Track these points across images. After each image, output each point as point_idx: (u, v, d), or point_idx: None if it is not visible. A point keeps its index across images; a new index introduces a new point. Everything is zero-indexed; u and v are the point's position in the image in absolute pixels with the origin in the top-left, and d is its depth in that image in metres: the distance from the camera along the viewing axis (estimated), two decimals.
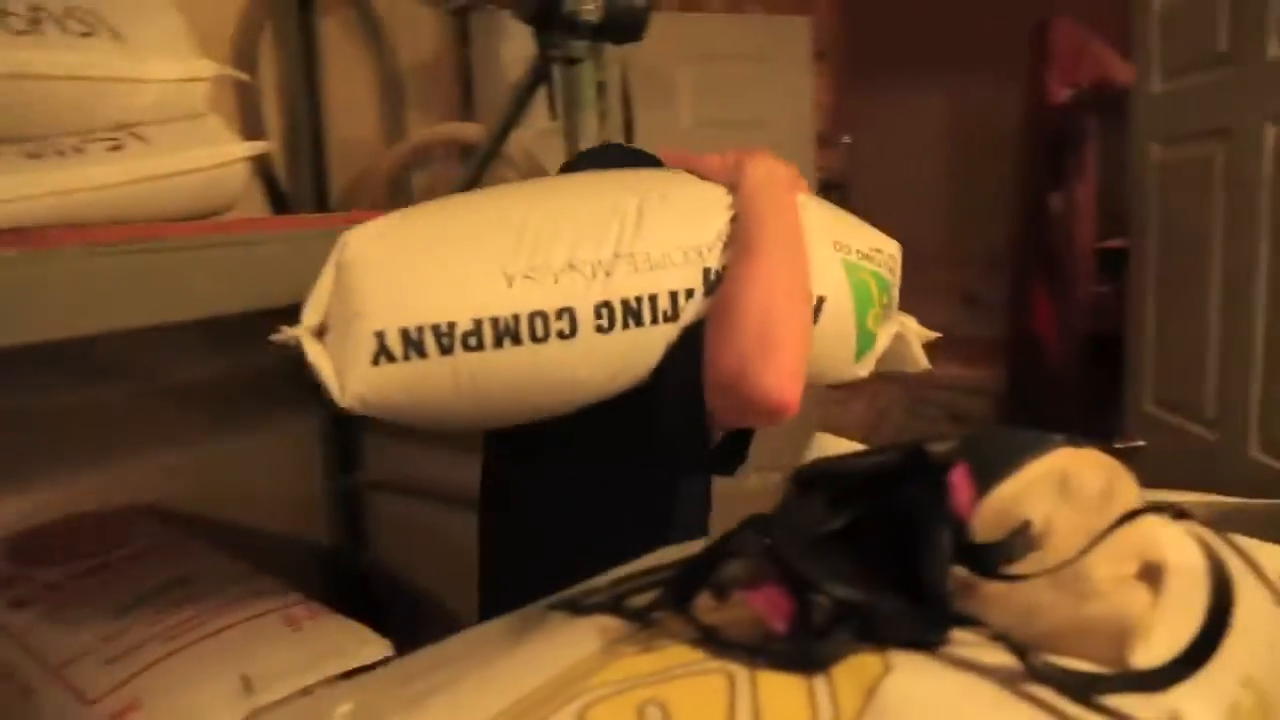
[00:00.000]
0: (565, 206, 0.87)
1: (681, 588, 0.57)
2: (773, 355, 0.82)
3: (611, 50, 1.50)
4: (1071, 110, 3.21)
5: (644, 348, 0.86)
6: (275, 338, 0.84)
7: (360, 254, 0.82)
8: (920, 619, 0.53)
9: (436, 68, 1.99)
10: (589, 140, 1.47)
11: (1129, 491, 0.62)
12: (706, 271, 0.86)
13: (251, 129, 1.83)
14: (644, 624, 0.61)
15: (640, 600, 0.62)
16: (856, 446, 0.80)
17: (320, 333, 0.84)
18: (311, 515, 2.13)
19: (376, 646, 1.35)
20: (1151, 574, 0.62)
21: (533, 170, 1.69)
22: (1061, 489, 0.59)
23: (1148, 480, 1.88)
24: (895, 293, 1.04)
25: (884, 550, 0.58)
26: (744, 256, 0.87)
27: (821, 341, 0.93)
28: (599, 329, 0.83)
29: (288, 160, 1.95)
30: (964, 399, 3.42)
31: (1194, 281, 1.85)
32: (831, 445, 0.96)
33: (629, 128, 1.53)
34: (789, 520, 0.55)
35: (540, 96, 1.51)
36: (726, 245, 0.87)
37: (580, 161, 1.19)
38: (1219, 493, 1.70)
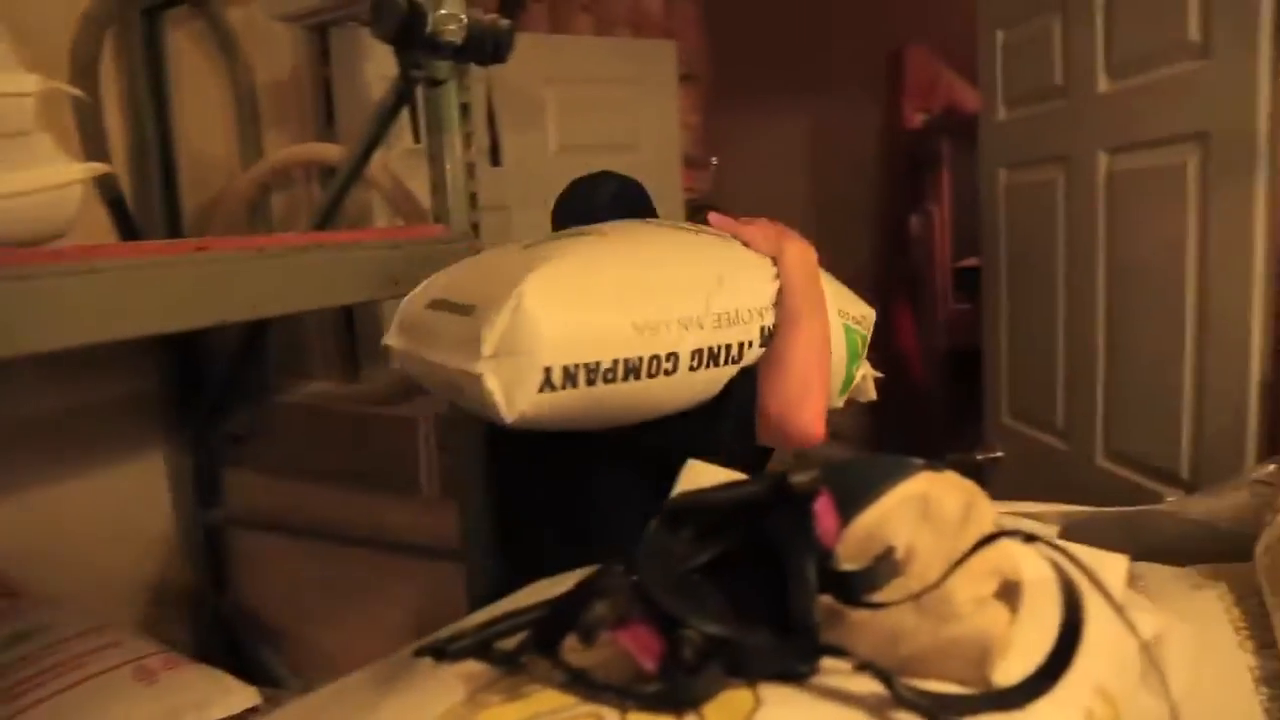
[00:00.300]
0: (672, 273, 1.13)
1: (548, 629, 0.55)
2: (808, 403, 1.14)
3: (476, 71, 1.48)
4: (925, 135, 3.35)
5: (717, 380, 1.14)
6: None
7: (534, 305, 1.00)
8: (789, 651, 0.53)
9: (295, 85, 1.92)
10: (454, 163, 1.44)
11: (986, 513, 0.64)
12: (763, 329, 1.16)
13: (94, 149, 1.72)
14: (511, 669, 0.59)
15: (508, 643, 0.60)
16: (731, 475, 0.80)
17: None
18: (169, 556, 2.02)
19: (241, 695, 1.29)
20: (1009, 592, 0.64)
21: (396, 193, 1.65)
22: (922, 513, 0.60)
23: (1008, 489, 1.96)
24: (866, 346, 1.41)
25: (754, 582, 0.58)
26: (788, 322, 1.16)
27: None
28: (691, 368, 1.10)
29: (135, 182, 1.84)
30: (834, 416, 3.48)
31: (1041, 299, 1.94)
32: (705, 475, 0.96)
33: (495, 150, 1.51)
34: (655, 556, 0.54)
35: (404, 118, 1.48)
36: (775, 307, 1.17)
37: (579, 187, 1.47)
38: (1072, 499, 1.78)
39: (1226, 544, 1.11)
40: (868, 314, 1.41)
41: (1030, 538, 0.55)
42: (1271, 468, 1.16)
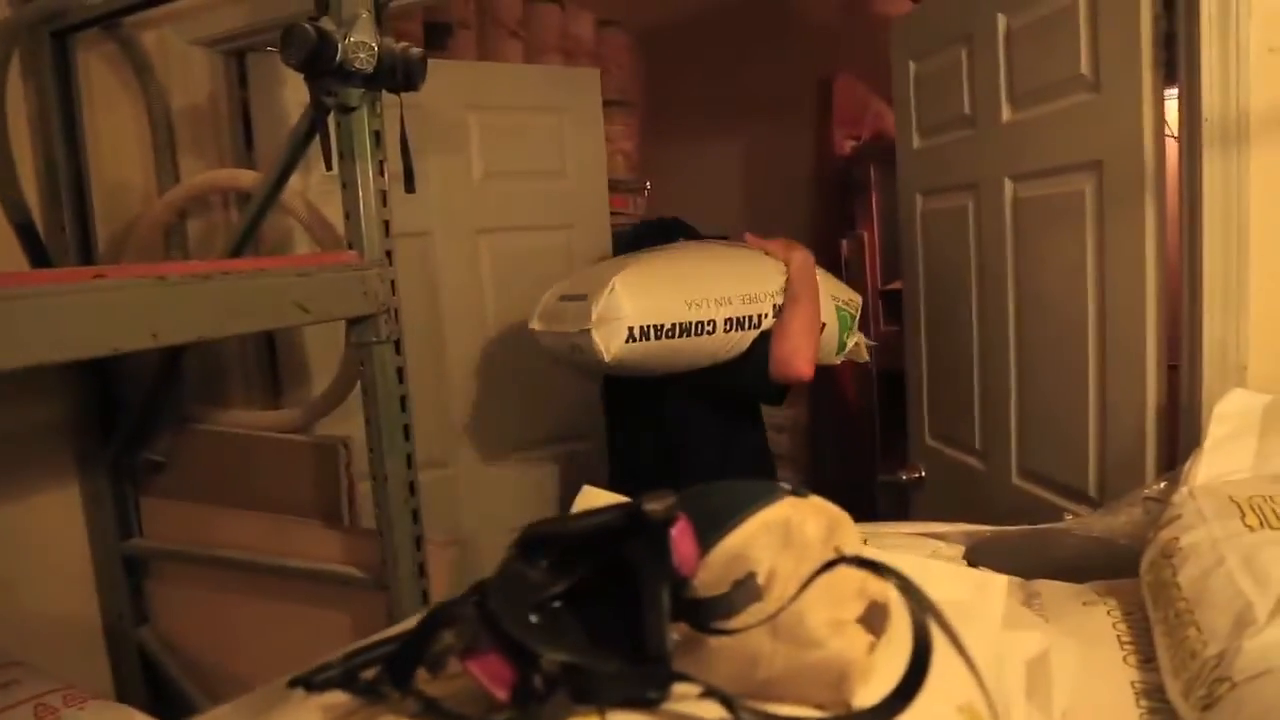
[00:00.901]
0: (712, 268, 1.83)
1: (402, 660, 0.55)
2: (800, 354, 1.79)
3: (390, 97, 1.47)
4: (854, 161, 3.41)
5: (743, 340, 1.80)
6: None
7: (621, 290, 1.68)
8: (639, 678, 0.53)
9: (212, 110, 1.89)
10: (366, 189, 1.43)
11: (849, 538, 0.65)
12: (774, 306, 1.82)
13: (1, 173, 1.68)
14: (372, 699, 0.59)
15: (371, 674, 0.60)
16: (612, 499, 0.81)
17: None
18: (86, 588, 1.96)
19: None
20: (877, 615, 0.65)
21: (312, 220, 1.64)
22: (784, 539, 0.61)
23: (932, 508, 1.99)
24: (856, 320, 2.07)
25: (613, 610, 0.58)
26: (790, 302, 1.83)
27: (823, 345, 1.93)
28: (725, 331, 1.76)
29: (46, 207, 1.80)
30: (771, 435, 3.50)
31: (958, 322, 1.98)
32: (597, 498, 0.96)
33: (409, 176, 1.50)
34: (506, 585, 0.54)
35: (318, 144, 1.47)
36: (783, 292, 1.84)
37: (644, 230, 2.27)
38: (990, 517, 1.82)
39: (1123, 559, 1.14)
40: (854, 298, 2.09)
41: (879, 567, 0.56)
42: (1163, 485, 1.19)
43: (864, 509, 2.95)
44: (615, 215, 3.14)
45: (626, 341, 1.67)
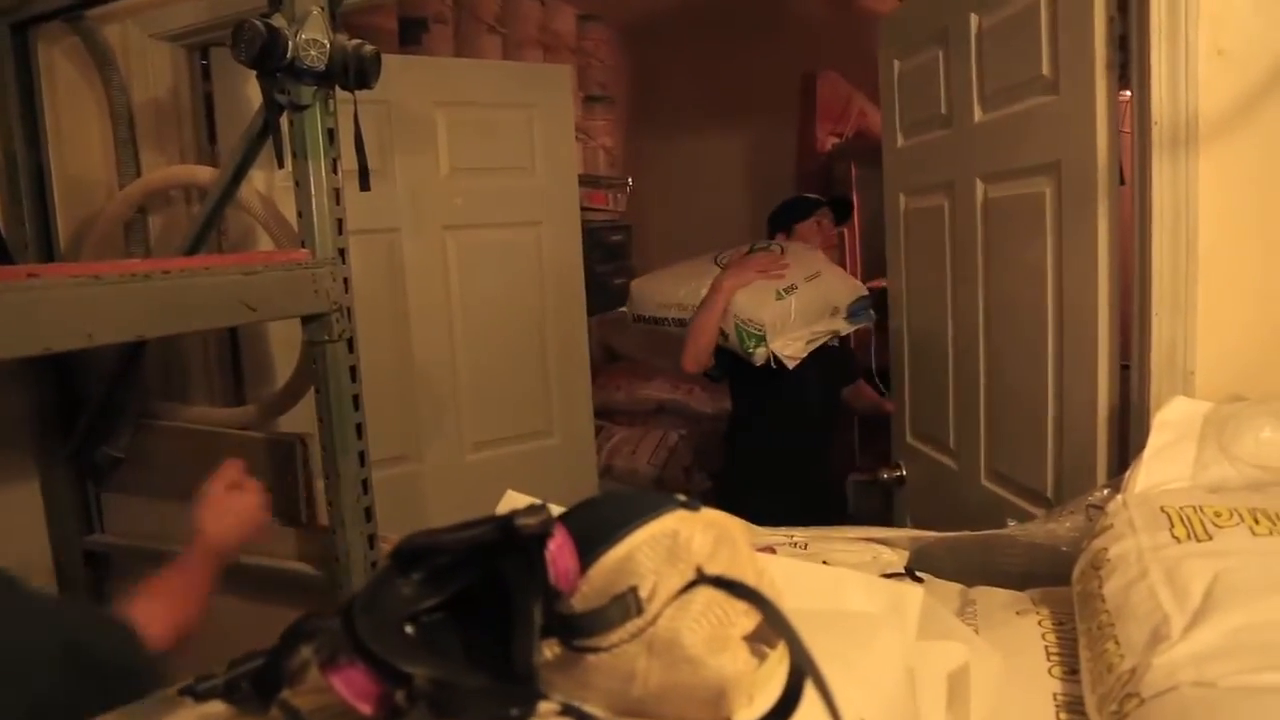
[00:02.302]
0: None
1: (270, 670, 0.55)
2: (686, 351, 2.37)
3: (344, 94, 1.47)
4: (836, 158, 3.40)
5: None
6: None
7: (635, 288, 2.55)
8: (504, 695, 0.52)
9: (175, 104, 1.88)
10: (319, 187, 1.43)
11: (740, 552, 0.64)
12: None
13: None
14: (248, 709, 0.58)
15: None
16: (525, 503, 0.80)
17: None
18: (48, 584, 1.96)
19: None
20: (769, 631, 0.65)
21: (270, 217, 1.63)
22: (670, 553, 0.60)
23: (913, 508, 1.99)
24: (762, 339, 2.33)
25: (489, 625, 0.57)
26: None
27: (737, 349, 2.38)
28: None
29: (6, 202, 1.79)
30: None
31: (936, 322, 1.98)
32: (518, 502, 0.96)
33: (364, 174, 1.49)
34: (374, 598, 0.53)
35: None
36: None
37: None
38: (963, 518, 1.82)
39: (1066, 566, 1.13)
40: (763, 319, 2.33)
41: (736, 588, 0.56)
42: (1105, 492, 1.19)
43: (839, 508, 2.96)
44: (595, 212, 3.14)
45: (631, 324, 2.69)
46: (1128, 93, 1.28)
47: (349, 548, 1.52)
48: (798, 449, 2.49)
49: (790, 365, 2.33)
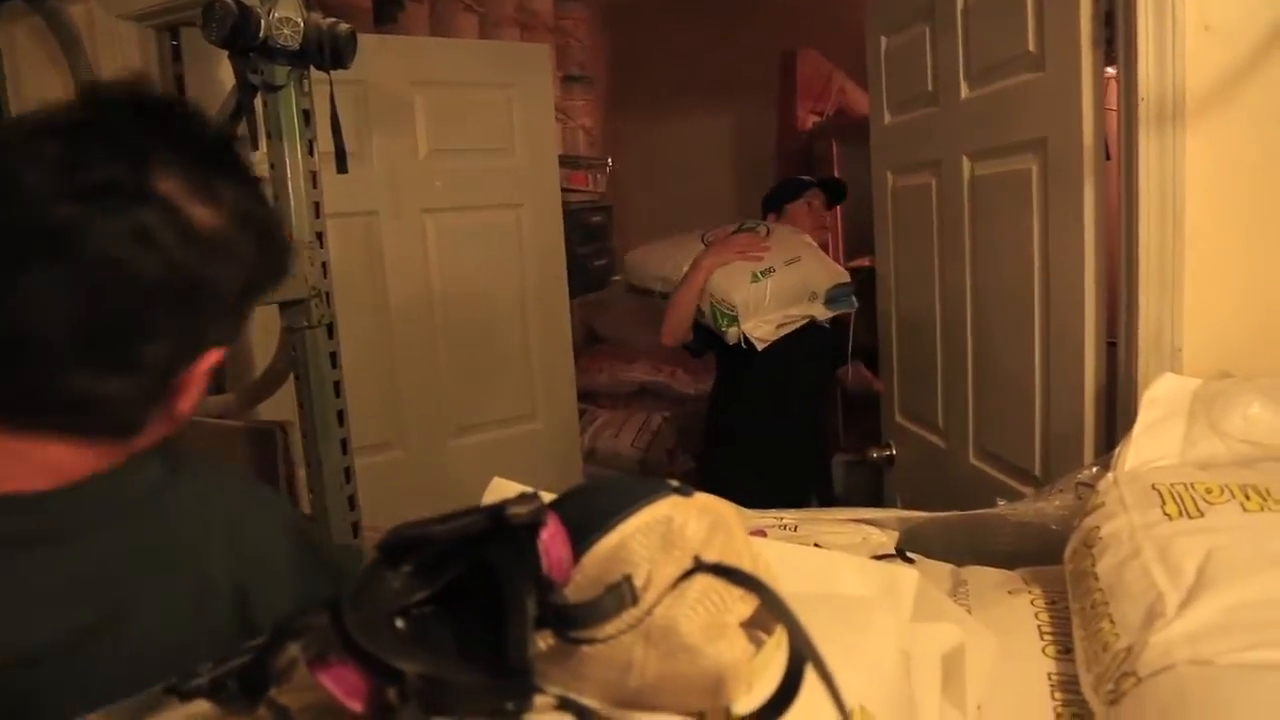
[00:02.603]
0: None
1: (256, 669, 0.53)
2: (665, 324, 2.47)
3: (320, 75, 1.44)
4: (817, 136, 3.39)
5: None
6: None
7: (629, 258, 2.62)
8: (498, 689, 0.51)
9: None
10: (295, 170, 1.40)
11: (736, 539, 0.64)
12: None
13: None
14: (235, 709, 0.57)
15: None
16: (516, 491, 0.79)
17: None
18: None
19: None
20: (766, 617, 0.64)
21: None
22: (664, 541, 0.59)
23: (902, 487, 2.00)
24: (735, 319, 2.39)
25: (481, 618, 0.56)
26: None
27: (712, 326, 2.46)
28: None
29: None
30: None
31: (923, 301, 1.98)
32: (506, 490, 0.94)
33: (341, 157, 1.47)
34: (363, 592, 0.52)
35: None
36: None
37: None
38: (952, 497, 1.83)
39: (1056, 545, 1.13)
40: (734, 300, 2.38)
41: (736, 575, 0.55)
42: (1094, 470, 1.19)
43: (826, 489, 2.97)
44: (575, 193, 3.12)
45: (626, 291, 2.85)
46: (1114, 69, 1.28)
47: (332, 537, 1.51)
48: (776, 430, 2.51)
49: (759, 346, 2.37)
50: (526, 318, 2.53)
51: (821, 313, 2.47)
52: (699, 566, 0.54)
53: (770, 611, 0.53)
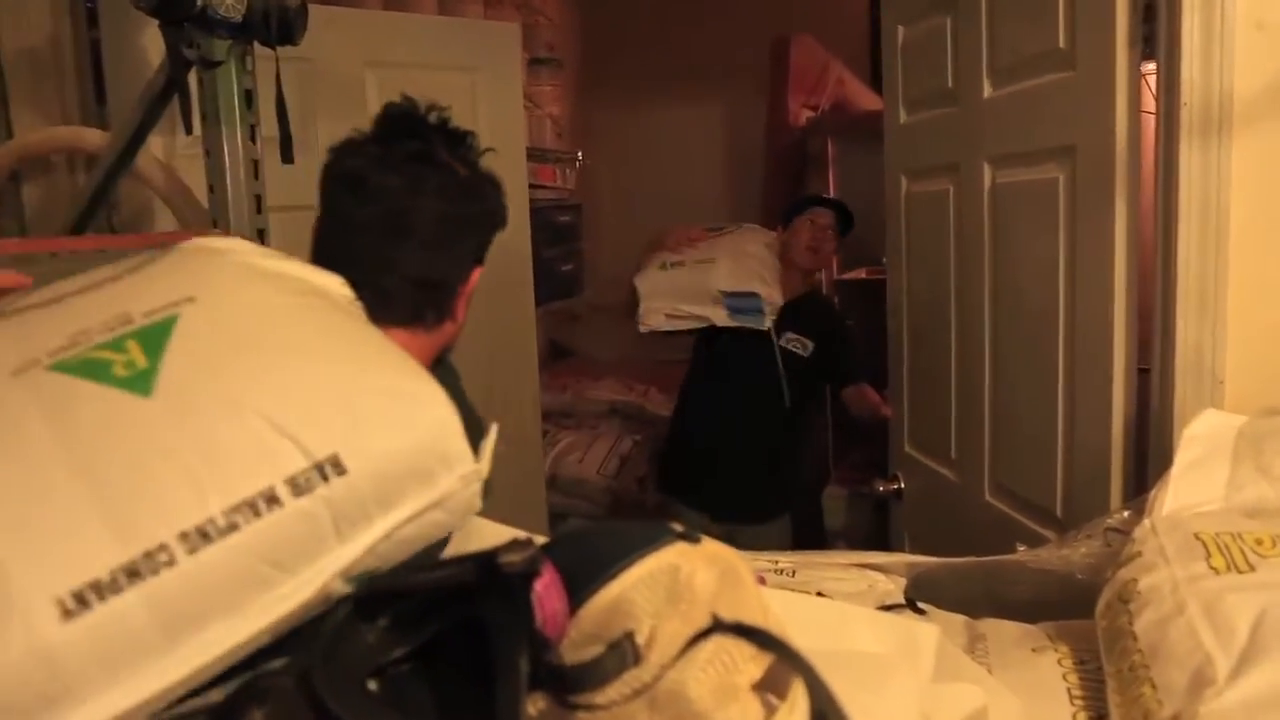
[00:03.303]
0: None
1: None
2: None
3: (267, 52, 1.43)
4: (811, 132, 3.41)
5: None
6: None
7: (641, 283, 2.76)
8: None
9: (54, 54, 1.81)
10: (234, 158, 1.39)
11: (746, 591, 0.64)
12: None
13: None
14: None
15: None
16: (516, 534, 0.78)
17: None
18: None
19: None
20: (779, 676, 0.64)
21: (174, 191, 1.58)
22: (670, 593, 0.59)
23: (910, 522, 2.00)
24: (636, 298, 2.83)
25: (468, 675, 0.56)
26: None
27: None
28: None
29: None
30: None
31: (937, 319, 1.99)
32: (490, 533, 0.94)
33: (286, 144, 1.45)
34: (336, 650, 0.51)
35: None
36: None
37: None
38: (964, 535, 1.82)
39: (1082, 595, 1.14)
40: (636, 285, 2.81)
41: (763, 637, 0.55)
42: (1126, 514, 1.20)
43: (814, 524, 2.96)
44: (542, 190, 3.11)
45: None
46: (1152, 67, 1.30)
47: None
48: (702, 428, 2.82)
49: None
50: (489, 327, 2.51)
51: (721, 318, 2.68)
52: (719, 626, 0.54)
53: (804, 683, 0.53)
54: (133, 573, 0.52)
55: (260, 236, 1.43)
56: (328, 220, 1.13)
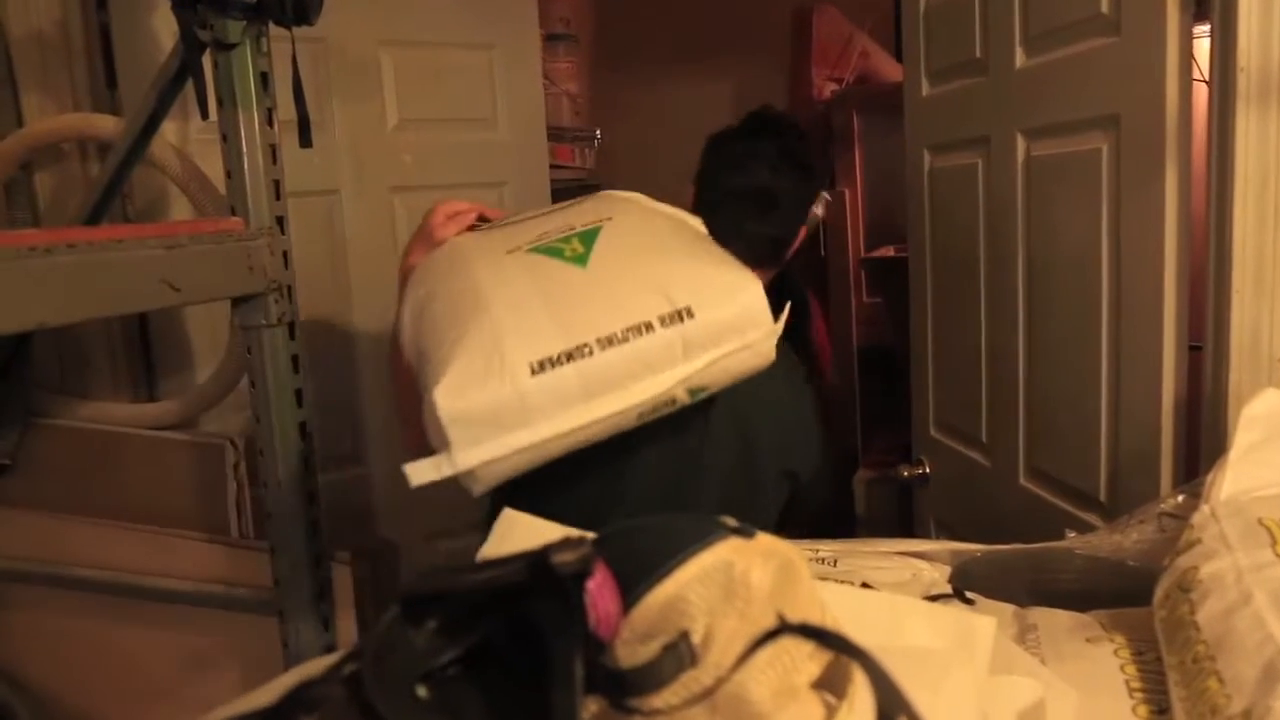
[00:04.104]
0: None
1: None
2: None
3: (282, 33, 1.42)
4: (835, 107, 3.37)
5: None
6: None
7: None
8: None
9: (63, 39, 1.80)
10: (251, 143, 1.38)
11: (803, 587, 0.62)
12: None
13: None
14: None
15: None
16: (566, 531, 0.77)
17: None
18: None
19: None
20: (837, 674, 0.63)
21: (190, 178, 1.58)
22: (725, 590, 0.58)
23: (936, 508, 1.98)
24: None
25: (520, 679, 0.55)
26: None
27: None
28: None
29: None
30: None
31: (966, 298, 1.97)
32: (523, 527, 0.93)
33: (304, 127, 1.45)
34: (385, 655, 0.51)
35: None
36: None
37: None
38: (996, 520, 1.81)
39: (1135, 583, 1.13)
40: None
41: (832, 639, 0.54)
42: (1180, 499, 1.19)
43: (844, 511, 2.96)
44: (560, 169, 3.10)
45: None
46: (1205, 29, 1.27)
47: (291, 568, 1.49)
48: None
49: None
50: None
51: None
52: (785, 627, 0.53)
53: (873, 684, 0.51)
54: (570, 355, 0.99)
55: (280, 224, 1.42)
56: (710, 192, 1.58)
